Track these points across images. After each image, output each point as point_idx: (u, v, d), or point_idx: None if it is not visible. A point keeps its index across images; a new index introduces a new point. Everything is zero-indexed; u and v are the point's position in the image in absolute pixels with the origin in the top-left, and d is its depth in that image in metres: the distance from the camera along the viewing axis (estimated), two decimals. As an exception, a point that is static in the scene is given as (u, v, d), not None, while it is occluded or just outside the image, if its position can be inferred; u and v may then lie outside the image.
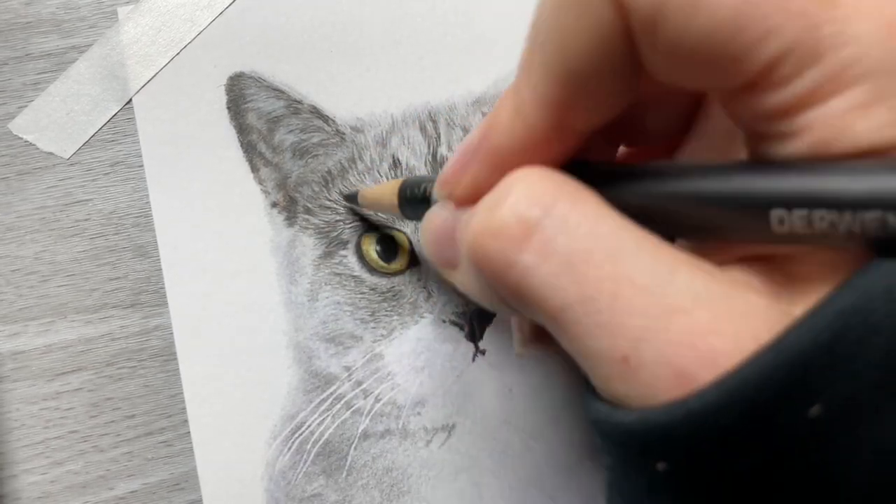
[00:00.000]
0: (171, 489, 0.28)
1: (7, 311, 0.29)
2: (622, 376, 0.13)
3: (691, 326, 0.13)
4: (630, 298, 0.13)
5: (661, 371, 0.13)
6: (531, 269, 0.14)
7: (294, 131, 0.30)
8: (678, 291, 0.13)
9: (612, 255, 0.14)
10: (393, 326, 0.29)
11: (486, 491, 0.28)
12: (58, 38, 0.30)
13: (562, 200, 0.14)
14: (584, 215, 0.14)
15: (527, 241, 0.14)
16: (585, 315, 0.14)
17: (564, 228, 0.14)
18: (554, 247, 0.14)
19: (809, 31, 0.12)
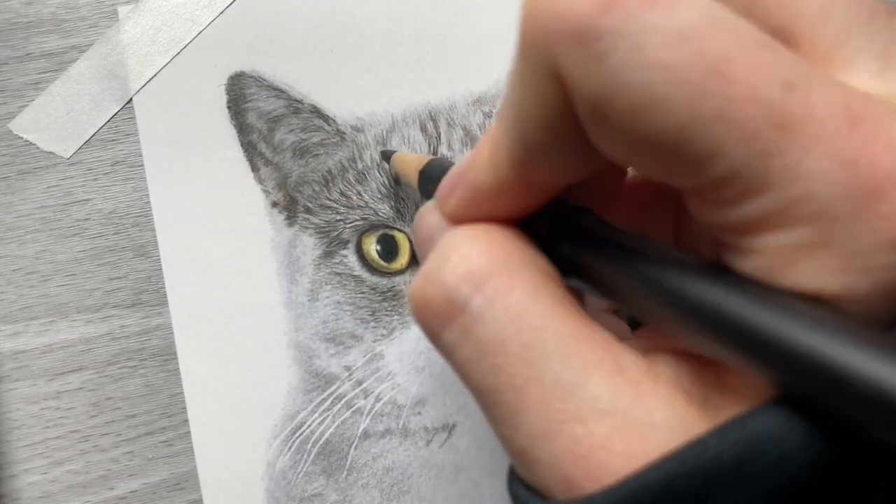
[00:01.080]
0: (171, 489, 0.28)
1: (8, 311, 0.29)
2: (520, 465, 0.14)
3: (585, 438, 0.13)
4: (534, 398, 0.13)
5: (551, 472, 0.13)
6: (452, 348, 0.15)
7: (294, 131, 0.30)
8: (581, 398, 0.13)
9: (526, 351, 0.14)
10: (393, 326, 0.29)
11: (487, 490, 0.28)
12: (58, 37, 0.30)
13: (493, 280, 0.14)
14: (510, 303, 0.14)
15: (450, 321, 0.15)
16: (494, 404, 0.14)
17: (486, 316, 0.14)
18: (473, 333, 0.14)
19: (759, 159, 0.11)
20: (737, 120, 0.11)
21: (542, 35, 0.12)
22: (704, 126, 0.11)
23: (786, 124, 0.11)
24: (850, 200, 0.11)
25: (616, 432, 0.13)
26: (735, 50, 0.11)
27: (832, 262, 0.11)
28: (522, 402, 0.13)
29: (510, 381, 0.14)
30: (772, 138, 0.11)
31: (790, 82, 0.11)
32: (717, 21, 0.11)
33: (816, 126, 0.11)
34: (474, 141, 0.30)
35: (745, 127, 0.11)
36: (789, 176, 0.11)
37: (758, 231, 0.12)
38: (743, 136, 0.11)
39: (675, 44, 0.11)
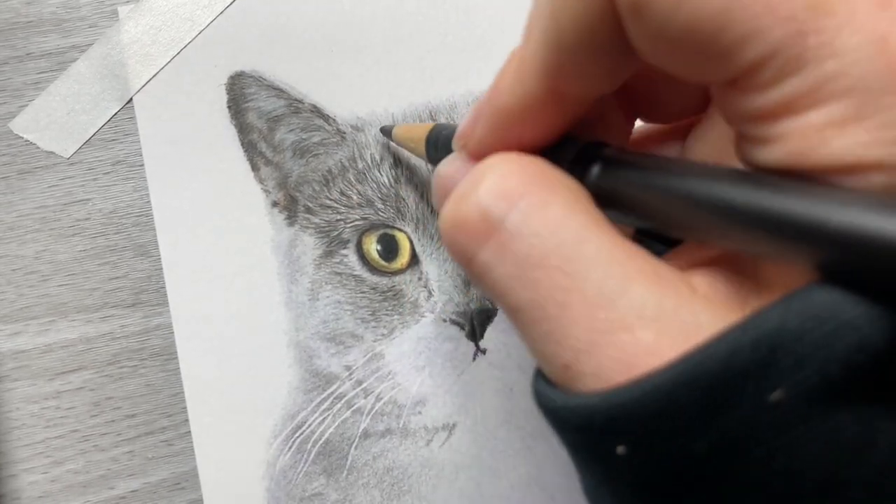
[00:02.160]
0: (171, 488, 0.28)
1: (8, 311, 0.29)
2: (563, 382, 0.14)
3: (633, 346, 0.13)
4: (578, 310, 0.13)
5: (599, 384, 0.13)
6: (489, 267, 0.15)
7: (295, 130, 0.30)
8: (627, 307, 0.13)
9: (567, 264, 0.14)
10: (394, 325, 0.29)
11: (487, 490, 0.28)
12: (58, 37, 0.30)
13: (528, 197, 0.14)
14: (548, 217, 0.14)
15: (486, 239, 0.14)
16: (535, 320, 0.14)
17: (524, 231, 0.14)
18: (511, 248, 0.14)
19: (795, 38, 0.12)
20: (772, 1, 0.12)
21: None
22: (742, 9, 0.12)
23: (819, 5, 0.12)
24: (882, 74, 0.11)
25: (664, 337, 0.13)
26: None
27: (864, 135, 0.12)
28: (565, 314, 0.13)
29: (551, 294, 0.14)
30: (807, 18, 0.12)
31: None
32: None
33: (848, 5, 0.12)
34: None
35: (781, 8, 0.12)
36: (823, 53, 0.12)
37: (791, 112, 0.12)
38: (779, 17, 0.12)
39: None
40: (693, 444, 0.12)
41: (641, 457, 0.13)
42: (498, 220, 0.14)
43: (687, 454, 0.12)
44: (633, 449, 0.13)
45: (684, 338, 0.13)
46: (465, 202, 0.15)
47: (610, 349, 0.13)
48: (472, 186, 0.15)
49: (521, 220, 0.14)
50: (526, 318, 0.14)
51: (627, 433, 0.13)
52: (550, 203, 0.14)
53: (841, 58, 0.12)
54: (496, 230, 0.14)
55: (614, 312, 0.13)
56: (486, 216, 0.14)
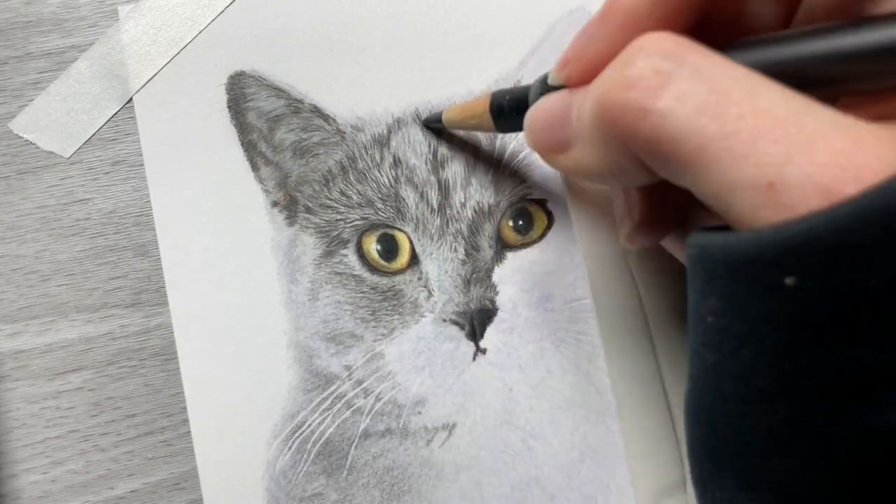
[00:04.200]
0: (171, 489, 0.28)
1: (8, 311, 0.29)
2: (768, 203, 0.14)
3: (835, 149, 0.13)
4: (772, 129, 0.14)
5: (808, 191, 0.13)
6: (669, 114, 0.15)
7: (295, 130, 0.30)
8: (817, 122, 0.14)
9: (750, 92, 0.14)
10: (393, 325, 0.29)
11: (487, 490, 0.28)
12: (58, 37, 0.30)
13: (692, 53, 0.15)
14: (716, 63, 0.15)
15: (663, 88, 0.15)
16: (727, 148, 0.14)
17: (699, 74, 0.15)
18: (692, 90, 0.15)
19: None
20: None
21: None
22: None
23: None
24: None
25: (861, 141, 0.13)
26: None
27: None
28: (760, 135, 0.14)
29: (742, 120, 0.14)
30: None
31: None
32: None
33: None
34: (474, 140, 0.30)
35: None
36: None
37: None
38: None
39: None
40: (867, 277, 0.13)
41: (812, 288, 0.13)
42: (671, 70, 0.15)
43: (859, 287, 0.13)
44: (803, 280, 0.13)
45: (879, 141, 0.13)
46: (629, 67, 0.15)
47: (814, 155, 0.13)
48: (631, 55, 0.16)
49: (696, 66, 0.15)
50: (715, 149, 0.14)
51: (801, 264, 0.13)
52: (715, 56, 0.15)
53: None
54: (672, 78, 0.15)
55: (809, 126, 0.14)
56: (658, 69, 0.15)
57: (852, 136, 0.13)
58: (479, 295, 0.29)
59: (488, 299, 0.29)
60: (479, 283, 0.29)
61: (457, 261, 0.29)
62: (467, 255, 0.29)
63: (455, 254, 0.29)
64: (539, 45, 0.30)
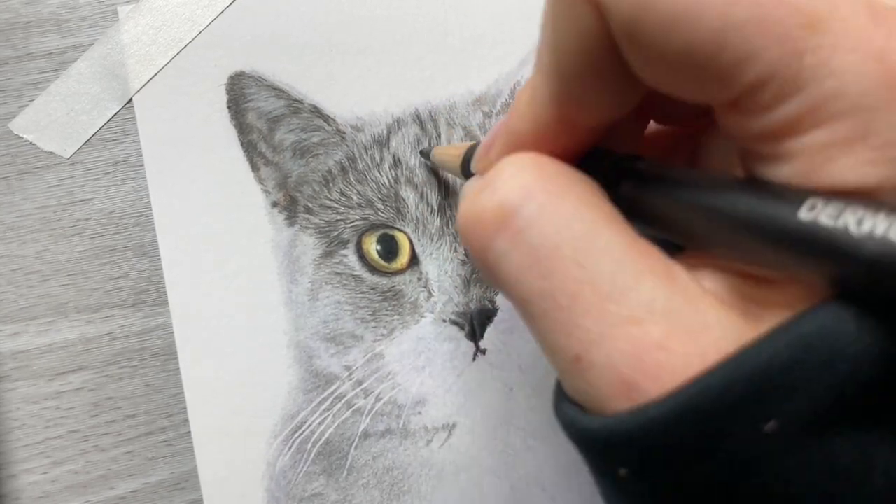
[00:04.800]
0: (171, 489, 0.28)
1: (8, 311, 0.29)
2: (574, 374, 0.14)
3: (642, 339, 0.13)
4: (588, 302, 0.13)
5: (608, 376, 0.13)
6: (502, 257, 0.15)
7: (294, 130, 0.30)
8: (636, 301, 0.13)
9: (580, 255, 0.14)
10: (393, 326, 0.29)
11: (487, 490, 0.28)
12: (58, 37, 0.30)
13: (543, 190, 0.15)
14: (563, 209, 0.14)
15: (501, 229, 0.15)
16: (546, 311, 0.14)
17: (538, 221, 0.14)
18: (525, 238, 0.14)
19: (791, 59, 0.12)
20: (766, 22, 0.12)
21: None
22: (736, 31, 0.12)
23: (814, 24, 0.11)
24: (881, 91, 0.11)
25: (672, 332, 0.13)
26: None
27: (869, 154, 0.12)
28: (576, 306, 0.13)
29: (563, 285, 0.14)
30: (802, 37, 0.11)
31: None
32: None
33: (843, 23, 0.11)
34: (474, 140, 0.30)
35: (776, 28, 0.12)
36: (821, 73, 0.11)
37: (794, 133, 0.12)
38: (774, 37, 0.12)
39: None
40: (690, 473, 0.13)
41: (641, 481, 0.13)
42: (513, 210, 0.15)
43: (684, 482, 0.13)
44: (632, 473, 0.13)
45: (691, 335, 0.13)
46: (481, 195, 0.15)
47: (620, 342, 0.13)
48: (488, 182, 0.15)
49: (537, 211, 0.14)
50: (537, 308, 0.14)
51: (627, 459, 0.13)
52: (566, 196, 0.14)
53: (839, 76, 0.11)
54: (512, 219, 0.15)
55: (625, 306, 0.13)
56: (502, 206, 0.15)
57: (669, 323, 0.13)
58: (479, 295, 0.29)
59: (488, 299, 0.29)
60: (478, 284, 0.29)
61: (457, 261, 0.29)
62: (467, 255, 0.29)
63: (455, 254, 0.29)
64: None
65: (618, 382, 0.13)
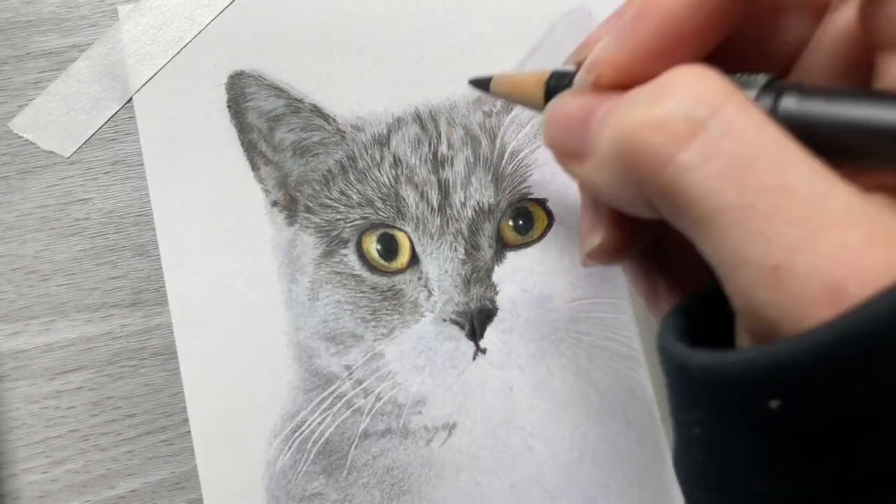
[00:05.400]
0: (171, 488, 0.28)
1: (8, 310, 0.29)
2: (770, 285, 0.14)
3: (847, 242, 0.13)
4: (790, 208, 0.13)
5: (812, 283, 0.13)
6: (691, 169, 0.14)
7: (294, 130, 0.30)
8: (836, 207, 0.13)
9: (777, 163, 0.14)
10: (393, 325, 0.29)
11: (487, 490, 0.28)
12: (58, 36, 0.30)
13: (729, 104, 0.14)
14: (751, 122, 0.14)
15: (691, 140, 0.14)
16: (742, 220, 0.14)
17: (731, 132, 0.14)
18: (719, 149, 0.14)
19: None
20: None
21: None
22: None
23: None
24: None
25: (875, 236, 0.13)
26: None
27: None
28: (777, 213, 0.13)
29: (761, 193, 0.14)
30: None
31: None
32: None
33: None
34: (474, 140, 0.30)
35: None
36: None
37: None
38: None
39: None
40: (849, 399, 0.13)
41: (795, 410, 0.13)
42: (703, 122, 0.14)
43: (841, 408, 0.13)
44: (787, 402, 0.13)
45: (891, 238, 0.13)
46: (660, 105, 0.15)
47: (825, 246, 0.13)
48: (666, 91, 0.15)
49: (728, 123, 0.14)
50: (729, 218, 0.14)
51: (784, 388, 0.13)
52: (750, 109, 0.14)
53: None
54: (702, 130, 0.14)
55: (826, 211, 0.13)
56: (690, 118, 0.14)
57: (868, 228, 0.13)
58: (479, 294, 0.29)
59: (488, 299, 0.29)
60: (479, 283, 0.29)
61: (457, 260, 0.29)
62: (467, 254, 0.29)
63: (455, 253, 0.29)
64: (539, 45, 0.30)
65: (822, 288, 0.13)
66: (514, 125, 0.30)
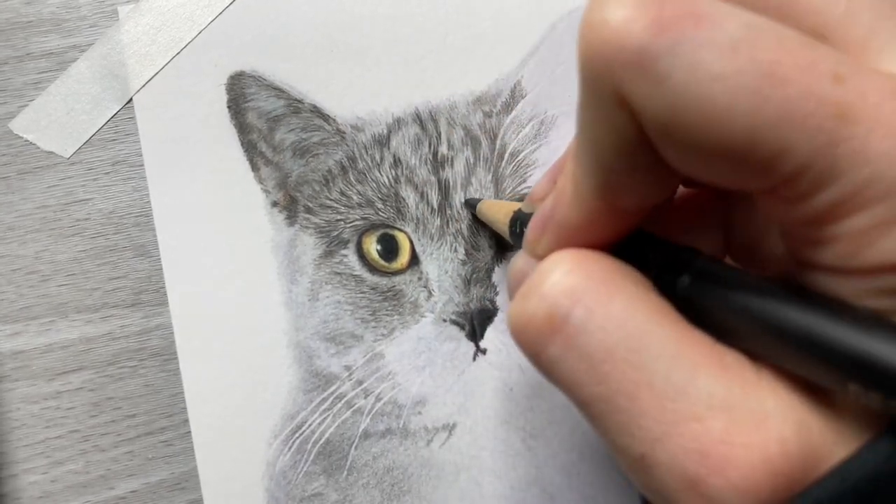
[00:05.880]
0: (171, 489, 0.28)
1: (8, 311, 0.29)
2: (641, 472, 0.14)
3: (703, 434, 0.13)
4: (647, 402, 0.14)
5: (674, 473, 0.13)
6: (556, 362, 0.15)
7: (294, 130, 0.30)
8: (695, 398, 0.13)
9: (634, 356, 0.14)
10: (394, 326, 0.29)
11: (487, 490, 0.28)
12: (58, 37, 0.30)
13: (591, 292, 0.15)
14: (612, 311, 0.14)
15: (552, 335, 0.15)
16: (606, 413, 0.14)
17: (589, 326, 0.14)
18: (577, 344, 0.14)
19: (826, 149, 0.12)
20: (797, 117, 0.12)
21: (602, 65, 0.13)
22: (768, 128, 0.12)
23: (844, 114, 0.12)
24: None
25: (733, 425, 0.13)
26: (782, 53, 0.12)
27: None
28: (635, 407, 0.14)
29: (620, 387, 0.14)
30: (833, 128, 0.12)
31: (838, 75, 0.12)
32: (761, 29, 0.12)
33: (874, 111, 0.12)
34: (474, 140, 0.30)
35: (807, 122, 0.12)
36: (857, 161, 0.12)
37: (833, 219, 0.12)
38: (806, 131, 0.12)
39: (728, 55, 0.12)
40: None
41: None
42: (563, 317, 0.15)
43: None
44: None
45: (753, 425, 0.13)
46: (530, 300, 0.15)
47: (682, 438, 0.13)
48: (536, 284, 0.15)
49: (586, 316, 0.14)
50: (597, 411, 0.14)
51: None
52: (614, 297, 0.15)
53: (874, 163, 0.12)
54: (562, 326, 0.15)
55: (684, 403, 0.13)
56: (550, 313, 0.15)
57: (729, 417, 0.13)
58: (480, 295, 0.29)
59: (488, 299, 0.29)
60: (479, 283, 0.29)
61: (457, 261, 0.29)
62: (467, 255, 0.29)
63: (455, 254, 0.29)
64: (539, 45, 0.30)
65: (684, 479, 0.13)
66: (515, 126, 0.30)
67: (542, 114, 0.30)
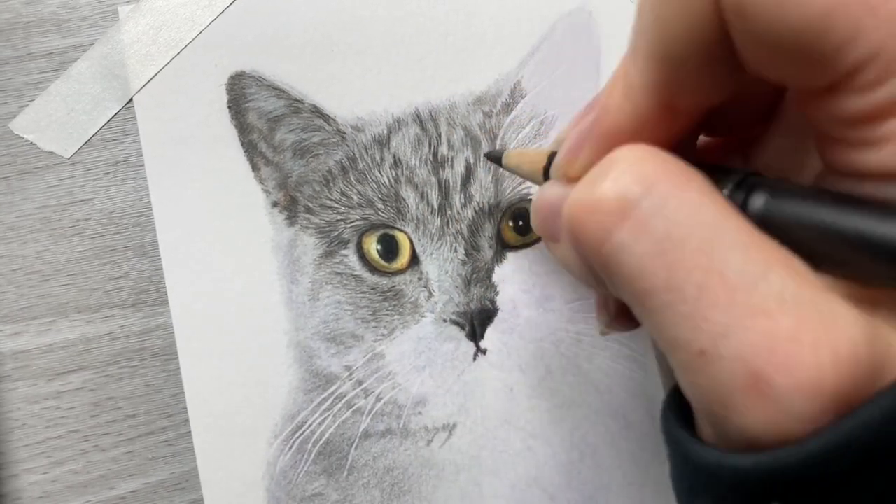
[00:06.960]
0: (172, 489, 0.28)
1: (8, 311, 0.29)
2: (696, 368, 0.13)
3: (772, 330, 0.13)
4: (717, 293, 0.13)
5: (736, 369, 0.13)
6: (624, 247, 0.14)
7: (295, 130, 0.30)
8: (766, 293, 0.13)
9: (707, 245, 0.13)
10: (394, 326, 0.29)
11: (487, 490, 0.28)
12: (59, 37, 0.30)
13: (664, 181, 0.14)
14: (685, 200, 0.14)
15: (623, 219, 0.14)
16: (670, 303, 0.14)
17: (663, 211, 0.14)
18: (649, 228, 0.14)
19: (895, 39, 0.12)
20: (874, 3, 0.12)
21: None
22: (845, 11, 0.12)
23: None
24: None
25: (803, 323, 0.13)
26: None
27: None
28: (703, 297, 0.13)
29: (689, 276, 0.13)
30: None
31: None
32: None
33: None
34: (474, 140, 0.30)
35: (883, 9, 0.12)
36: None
37: (890, 116, 0.12)
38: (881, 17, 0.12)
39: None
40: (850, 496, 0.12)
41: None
42: (636, 201, 0.14)
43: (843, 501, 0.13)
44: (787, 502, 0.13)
45: (823, 327, 0.13)
46: (598, 186, 0.15)
47: (750, 333, 0.13)
48: (603, 172, 0.15)
49: (661, 201, 0.14)
50: (660, 301, 0.14)
51: (782, 494, 0.13)
52: (688, 186, 0.14)
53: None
54: (634, 210, 0.14)
55: (755, 296, 0.13)
56: (622, 197, 0.14)
57: (800, 315, 0.13)
58: (480, 295, 0.29)
59: (488, 299, 0.29)
60: (479, 284, 0.29)
61: (457, 261, 0.29)
62: (467, 255, 0.29)
63: (455, 254, 0.29)
64: (539, 45, 0.30)
65: (746, 375, 0.13)
66: (515, 126, 0.30)
67: (542, 114, 0.30)
